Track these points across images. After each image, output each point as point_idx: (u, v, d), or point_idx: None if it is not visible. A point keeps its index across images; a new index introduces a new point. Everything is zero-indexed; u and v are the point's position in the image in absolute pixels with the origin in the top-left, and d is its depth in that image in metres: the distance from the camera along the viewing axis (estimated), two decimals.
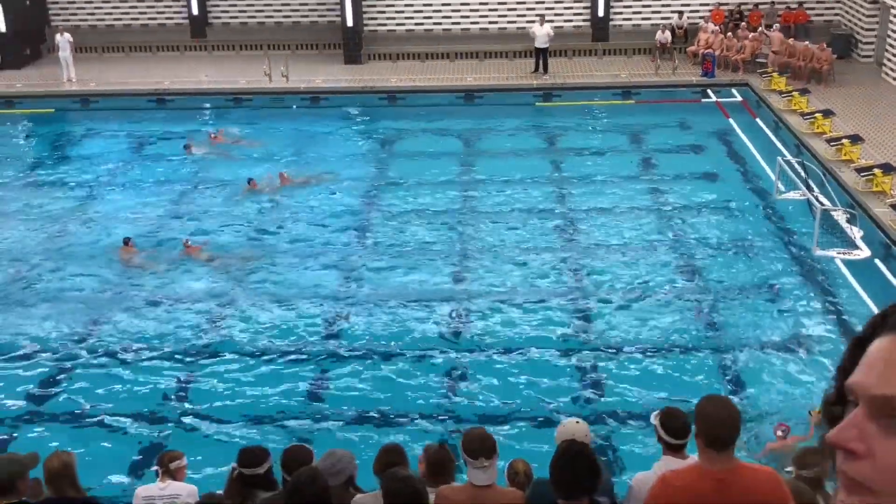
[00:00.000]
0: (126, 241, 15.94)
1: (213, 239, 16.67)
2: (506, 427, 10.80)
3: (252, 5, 29.33)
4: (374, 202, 18.52)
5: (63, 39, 25.82)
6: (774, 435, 10.14)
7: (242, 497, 5.71)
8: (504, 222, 17.18)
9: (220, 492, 5.98)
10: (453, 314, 13.79)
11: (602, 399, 11.51)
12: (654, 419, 5.86)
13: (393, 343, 12.97)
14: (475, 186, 19.13)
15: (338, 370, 12.40)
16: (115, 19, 29.63)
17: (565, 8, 28.75)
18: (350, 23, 27.33)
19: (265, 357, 12.71)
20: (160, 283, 14.98)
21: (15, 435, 11.06)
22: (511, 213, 17.63)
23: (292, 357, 12.70)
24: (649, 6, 28.71)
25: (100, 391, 11.97)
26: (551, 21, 26.92)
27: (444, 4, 28.66)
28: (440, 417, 11.26)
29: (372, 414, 11.30)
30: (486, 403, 11.50)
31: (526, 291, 14.40)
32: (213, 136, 21.95)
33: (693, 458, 5.18)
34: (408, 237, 16.61)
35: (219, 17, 29.49)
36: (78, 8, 29.53)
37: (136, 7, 29.48)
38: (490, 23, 28.84)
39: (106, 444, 10.81)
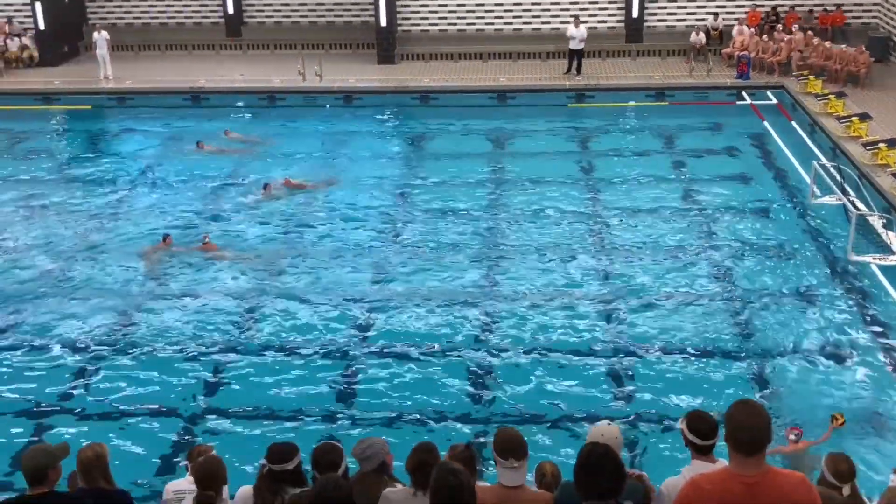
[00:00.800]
0: (165, 238, 16.09)
1: (239, 237, 16.76)
2: (534, 428, 10.78)
3: (287, 5, 29.51)
4: (405, 202, 18.55)
5: (100, 37, 26.14)
6: (787, 439, 10.04)
7: (272, 493, 5.75)
8: (535, 223, 17.15)
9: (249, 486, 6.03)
10: (483, 315, 13.78)
11: (632, 403, 11.44)
12: (680, 423, 5.84)
13: (422, 343, 12.98)
14: (506, 187, 19.11)
15: (366, 369, 12.43)
16: (152, 18, 29.94)
17: (599, 9, 28.65)
18: (384, 23, 27.42)
19: (294, 355, 12.77)
20: (192, 280, 15.10)
21: (48, 427, 11.20)
22: (542, 214, 17.58)
23: (321, 356, 12.75)
24: (684, 7, 28.53)
25: (131, 385, 12.08)
26: (585, 22, 26.83)
27: (477, 5, 28.67)
28: (468, 418, 11.25)
29: (400, 414, 11.32)
30: (515, 405, 11.48)
31: (556, 293, 14.36)
32: (227, 133, 22.10)
33: (723, 462, 5.15)
34: (438, 237, 16.61)
35: (254, 17, 29.70)
36: (115, 6, 29.87)
37: (172, 6, 29.78)
38: (524, 23, 28.80)
39: (137, 438, 10.88)
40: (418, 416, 11.26)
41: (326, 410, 11.46)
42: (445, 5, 28.74)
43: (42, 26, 28.03)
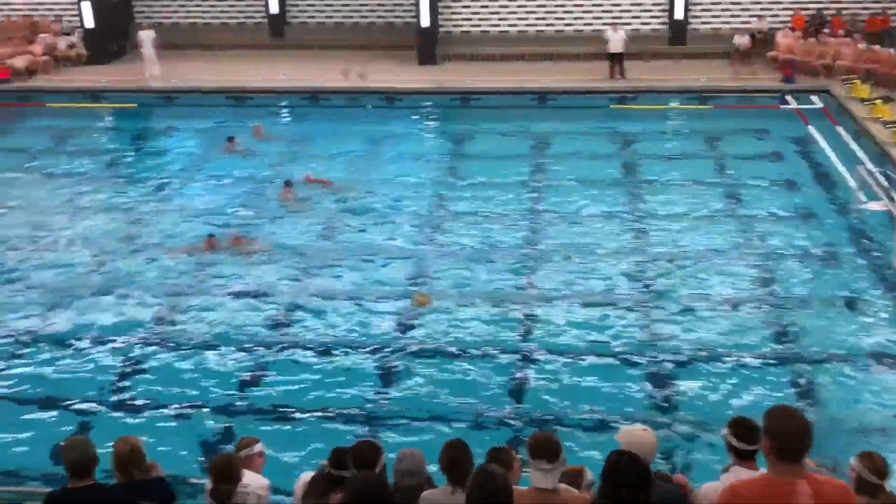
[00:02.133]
0: (209, 237, 16.26)
1: (274, 235, 16.91)
2: (570, 431, 10.74)
3: (330, 5, 29.71)
4: (444, 202, 18.59)
5: (146, 36, 26.51)
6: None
7: (323, 494, 5.78)
8: (575, 225, 17.10)
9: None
10: (521, 317, 13.76)
11: (673, 408, 11.36)
12: (723, 429, 5.80)
13: (459, 343, 13.00)
14: (547, 189, 19.07)
15: (404, 368, 12.47)
16: (197, 17, 30.29)
17: (642, 11, 28.49)
18: (425, 24, 27.50)
19: (333, 352, 12.85)
20: (229, 277, 15.24)
21: (89, 421, 11.36)
22: (582, 216, 17.52)
23: (359, 354, 12.81)
24: (729, 10, 28.28)
25: (173, 380, 12.24)
26: (628, 24, 26.70)
27: (519, 6, 28.66)
28: (506, 420, 11.24)
29: (439, 414, 11.33)
30: (552, 408, 11.45)
31: (595, 296, 14.29)
32: (255, 127, 22.24)
33: (763, 471, 5.11)
34: (476, 238, 16.62)
35: (297, 17, 29.93)
36: (162, 6, 30.28)
37: (216, 6, 30.11)
38: (565, 25, 28.73)
39: (179, 432, 11.02)
40: (457, 417, 11.27)
41: (365, 409, 11.51)
42: (487, 6, 28.75)
43: (90, 25, 28.48)
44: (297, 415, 11.42)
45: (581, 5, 28.55)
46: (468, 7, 28.75)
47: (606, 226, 17.06)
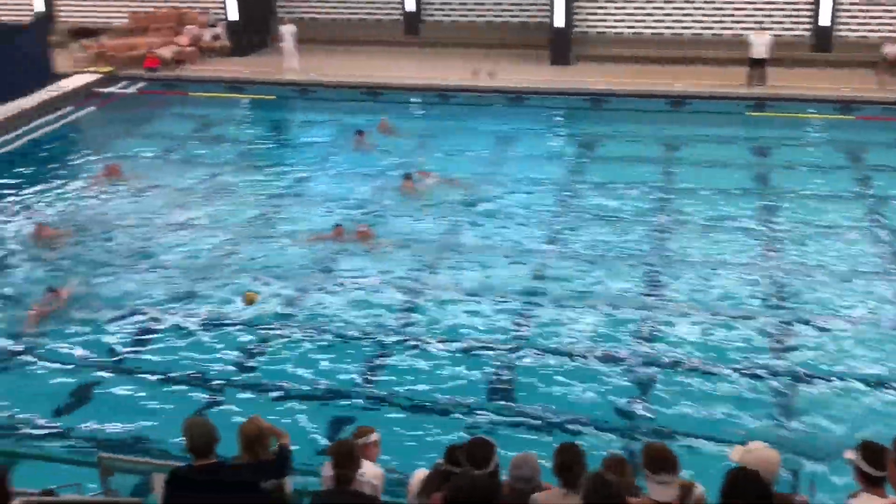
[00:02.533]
0: (336, 227, 16.64)
1: (397, 228, 17.13)
2: (685, 444, 10.49)
3: (464, 4, 29.89)
4: (569, 204, 18.44)
5: (287, 31, 27.32)
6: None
7: (436, 490, 5.82)
8: (704, 234, 16.68)
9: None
10: (641, 323, 13.53)
11: (799, 428, 10.95)
12: (851, 454, 5.57)
13: (577, 346, 12.88)
14: (676, 195, 18.67)
15: (519, 368, 12.45)
16: (336, 13, 30.98)
17: (785, 16, 27.54)
18: (559, 24, 27.34)
19: (449, 348, 12.94)
20: (351, 268, 15.53)
21: (215, 399, 11.80)
22: (712, 224, 17.08)
23: (475, 351, 12.86)
24: (878, 17, 27.01)
25: (293, 365, 12.58)
26: (769, 29, 25.85)
27: (656, 8, 28.14)
28: (621, 428, 11.08)
29: (552, 417, 11.26)
30: (667, 417, 11.22)
31: (721, 307, 13.91)
32: (381, 121, 22.59)
33: (893, 499, 4.88)
34: (600, 242, 16.42)
35: (432, 15, 30.24)
36: (303, 0, 31.10)
37: (355, 2, 30.72)
38: (703, 28, 28.05)
39: (298, 418, 11.32)
40: (571, 421, 11.18)
41: (478, 406, 11.55)
42: (623, 7, 28.35)
43: (234, 17, 29.54)
44: (412, 407, 11.56)
45: (721, 8, 27.82)
46: (603, 8, 28.42)
47: (736, 236, 16.57)
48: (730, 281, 14.79)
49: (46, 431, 11.22)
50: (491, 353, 12.80)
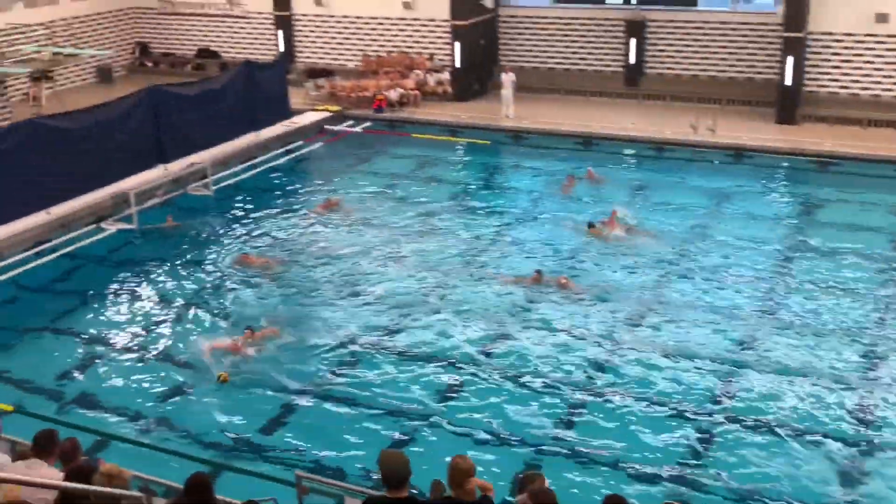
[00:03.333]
0: (537, 272, 16.74)
1: (595, 278, 16.97)
2: None
3: (688, 58, 29.41)
4: (785, 268, 17.59)
5: (507, 78, 27.95)
6: None
7: None
8: None
9: None
10: (854, 403, 12.63)
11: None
12: None
13: (779, 418, 12.22)
14: None
15: (715, 434, 11.96)
16: (557, 63, 31.33)
17: None
18: (788, 82, 26.33)
19: (648, 406, 12.65)
20: (550, 314, 15.54)
21: (411, 434, 12.08)
22: None
23: (670, 414, 12.50)
24: None
25: (482, 409, 12.71)
26: None
27: (893, 68, 26.50)
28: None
29: (750, 490, 10.71)
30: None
31: None
32: (588, 171, 22.71)
33: None
34: (814, 312, 15.52)
35: (654, 68, 29.95)
36: (525, 50, 31.68)
37: (577, 53, 30.95)
38: None
39: (483, 461, 11.38)
40: (757, 496, 10.63)
41: (675, 470, 11.19)
42: (860, 68, 26.89)
43: (458, 64, 30.53)
44: (596, 459, 11.38)
45: None
46: (838, 68, 27.08)
47: None
48: None
49: (249, 448, 11.88)
50: (685, 418, 12.38)
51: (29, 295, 17.15)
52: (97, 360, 14.43)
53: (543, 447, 11.73)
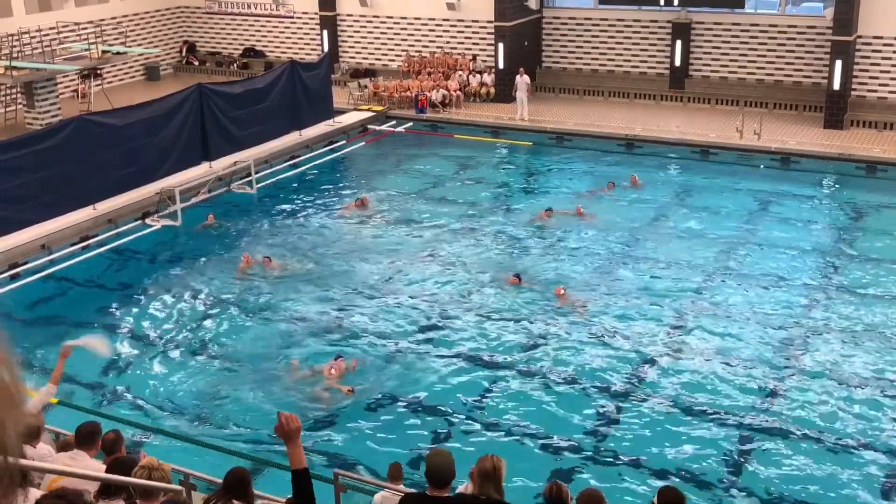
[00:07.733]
0: (561, 286, 16.66)
1: (634, 284, 16.82)
2: None
3: (735, 60, 29.07)
4: (831, 275, 17.33)
5: (521, 81, 27.92)
6: None
7: None
8: None
9: None
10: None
11: None
12: None
13: (827, 428, 12.04)
14: None
15: (761, 444, 11.81)
16: (600, 65, 31.16)
17: None
18: (836, 86, 25.93)
19: (690, 413, 12.53)
20: (595, 319, 15.48)
21: (455, 433, 12.09)
22: None
23: (709, 420, 12.37)
24: None
25: (518, 410, 12.70)
26: None
27: None
28: None
29: (780, 497, 10.57)
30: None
31: None
32: (632, 177, 22.66)
33: None
34: (860, 319, 15.28)
35: (699, 70, 29.67)
36: (568, 52, 31.55)
37: (621, 55, 30.75)
38: None
39: (517, 464, 11.36)
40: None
41: (719, 477, 11.08)
42: None
43: (501, 66, 30.47)
44: (636, 464, 11.29)
45: None
46: (887, 72, 26.62)
47: None
48: None
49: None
50: (726, 423, 12.25)
51: (76, 288, 17.43)
52: (141, 354, 14.64)
53: (581, 450, 11.67)
